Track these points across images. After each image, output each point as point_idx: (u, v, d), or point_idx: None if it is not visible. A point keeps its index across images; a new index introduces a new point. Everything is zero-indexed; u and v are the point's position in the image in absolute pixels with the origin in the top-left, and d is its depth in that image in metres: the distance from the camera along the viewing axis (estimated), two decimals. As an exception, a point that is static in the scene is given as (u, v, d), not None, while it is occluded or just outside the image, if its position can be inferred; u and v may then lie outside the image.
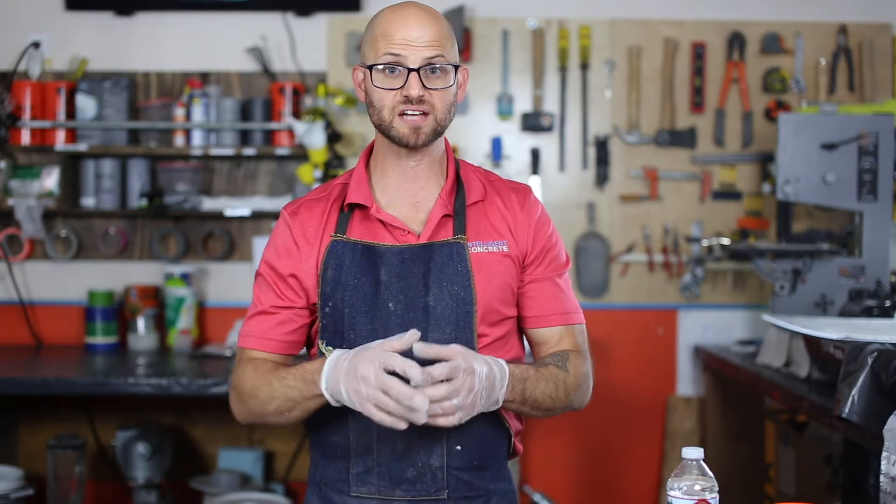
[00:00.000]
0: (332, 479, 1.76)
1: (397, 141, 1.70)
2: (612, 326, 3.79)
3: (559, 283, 1.81)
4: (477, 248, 1.74)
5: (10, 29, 3.76)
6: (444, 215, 1.74)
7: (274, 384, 1.68)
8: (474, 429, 1.71)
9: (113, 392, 3.13)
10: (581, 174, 3.81)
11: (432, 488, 1.72)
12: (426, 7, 1.74)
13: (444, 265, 1.71)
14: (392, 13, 1.71)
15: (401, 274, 1.71)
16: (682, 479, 1.48)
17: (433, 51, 1.68)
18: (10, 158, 3.71)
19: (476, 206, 1.78)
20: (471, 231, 1.75)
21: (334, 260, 1.73)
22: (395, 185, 1.77)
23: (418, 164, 1.75)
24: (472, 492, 1.75)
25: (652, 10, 3.81)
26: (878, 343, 2.19)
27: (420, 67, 1.66)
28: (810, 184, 3.19)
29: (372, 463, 1.72)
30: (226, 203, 3.68)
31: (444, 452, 1.71)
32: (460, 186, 1.78)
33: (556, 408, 1.73)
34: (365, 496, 1.73)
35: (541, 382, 1.69)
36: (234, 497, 3.43)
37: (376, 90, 1.69)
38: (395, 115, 1.69)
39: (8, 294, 3.78)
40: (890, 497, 1.78)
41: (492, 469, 1.78)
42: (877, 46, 3.77)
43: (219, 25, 3.79)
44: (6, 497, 3.08)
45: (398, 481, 1.71)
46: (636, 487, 3.83)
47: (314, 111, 3.58)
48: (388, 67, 1.67)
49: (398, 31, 1.68)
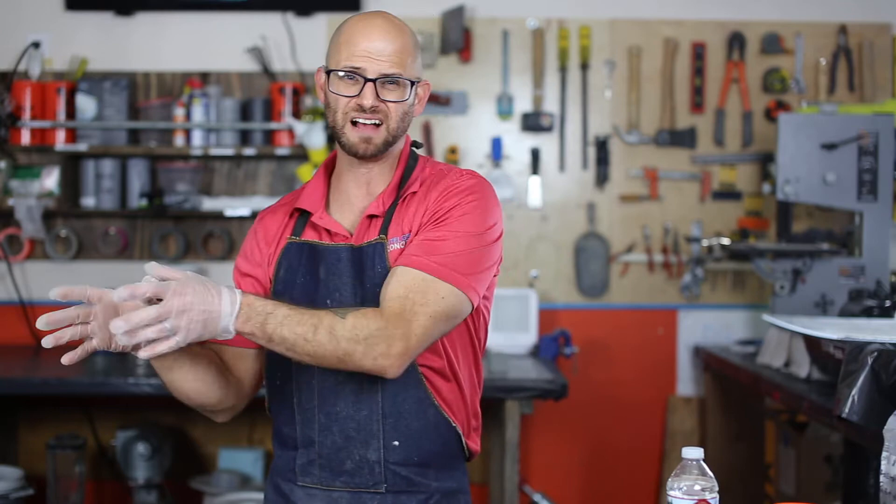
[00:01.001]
0: (283, 469, 1.80)
1: (347, 149, 1.73)
2: (612, 326, 3.79)
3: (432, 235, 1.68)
4: (394, 245, 1.72)
5: (10, 29, 3.76)
6: (368, 216, 1.75)
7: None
8: (414, 425, 1.72)
9: (113, 392, 3.13)
10: (581, 174, 3.81)
11: (370, 482, 1.73)
12: (393, 19, 1.76)
13: (369, 265, 1.73)
14: (359, 21, 1.74)
15: (335, 272, 1.74)
16: (682, 479, 1.48)
17: (392, 67, 1.70)
18: (10, 158, 3.71)
19: (405, 200, 1.76)
20: (393, 227, 1.74)
21: (286, 261, 1.77)
22: (346, 189, 1.80)
23: (370, 171, 1.78)
24: (412, 487, 1.75)
25: (652, 10, 3.81)
26: (878, 343, 2.19)
27: (377, 79, 1.69)
28: (810, 184, 3.19)
29: (314, 454, 1.75)
30: (226, 203, 3.68)
31: (381, 447, 1.73)
32: (402, 183, 1.78)
33: (322, 355, 1.56)
34: (309, 485, 1.76)
35: (291, 321, 1.55)
36: (234, 497, 3.43)
37: (332, 94, 1.73)
38: (346, 122, 1.71)
39: (8, 294, 3.78)
40: (890, 497, 1.78)
41: (436, 467, 1.77)
42: (877, 46, 3.77)
43: (219, 25, 3.79)
44: (6, 497, 3.08)
45: (338, 473, 1.74)
46: (636, 487, 3.83)
47: (314, 111, 3.58)
48: (347, 74, 1.70)
49: (361, 41, 1.71)
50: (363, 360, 1.58)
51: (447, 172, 1.77)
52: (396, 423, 1.71)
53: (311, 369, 1.71)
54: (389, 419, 1.71)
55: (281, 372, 1.77)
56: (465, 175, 1.75)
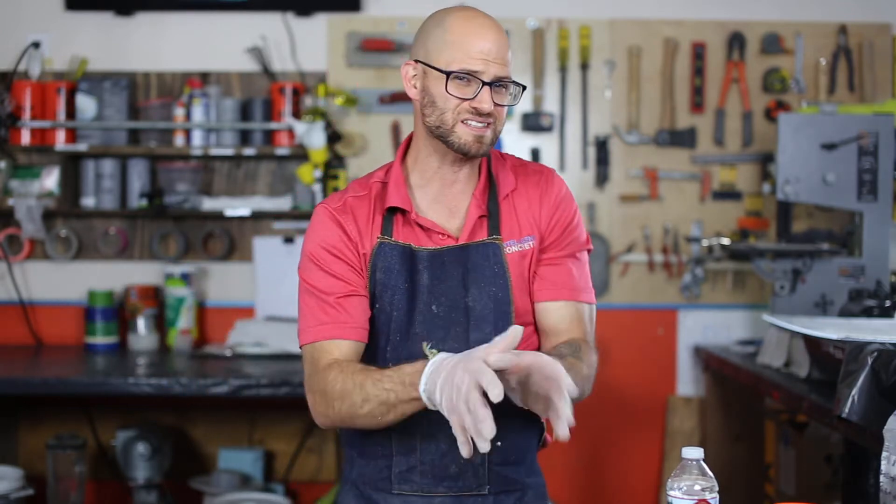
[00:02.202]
0: (373, 478, 1.78)
1: (456, 148, 1.70)
2: (612, 326, 3.78)
3: (573, 261, 1.80)
4: (512, 248, 1.76)
5: (10, 29, 3.76)
6: (479, 216, 1.76)
7: (367, 386, 1.60)
8: (516, 424, 1.74)
9: (113, 392, 3.13)
10: (581, 174, 3.81)
11: (474, 484, 1.75)
12: (492, 18, 1.74)
13: (482, 266, 1.73)
14: (467, 21, 1.71)
15: (441, 276, 1.73)
16: (682, 479, 1.48)
17: (503, 70, 1.69)
18: (10, 158, 3.71)
19: (507, 200, 1.78)
20: (506, 229, 1.77)
21: (382, 262, 1.73)
22: (433, 189, 1.77)
23: (460, 171, 1.77)
24: (510, 486, 1.78)
25: (652, 10, 3.81)
26: (878, 343, 2.18)
27: (492, 83, 1.68)
28: (810, 184, 3.18)
29: (415, 461, 1.74)
30: (226, 203, 3.68)
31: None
32: (492, 181, 1.80)
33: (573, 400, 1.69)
34: (407, 493, 1.75)
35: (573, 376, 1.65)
36: (234, 497, 3.43)
37: (443, 93, 1.68)
38: (457, 121, 1.69)
39: (8, 294, 3.78)
40: (890, 497, 1.78)
41: (526, 463, 1.82)
42: (877, 46, 3.77)
43: (219, 25, 3.79)
44: (6, 497, 3.08)
45: (441, 478, 1.74)
46: (636, 487, 3.83)
47: (314, 111, 3.58)
48: (462, 76, 1.67)
49: (476, 42, 1.68)
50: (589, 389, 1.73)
51: (530, 166, 1.84)
52: (501, 422, 1.70)
53: None
54: (495, 419, 1.71)
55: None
56: (556, 176, 1.82)
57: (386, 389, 1.57)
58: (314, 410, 1.71)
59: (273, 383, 3.06)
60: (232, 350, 3.52)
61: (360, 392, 1.60)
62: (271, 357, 3.45)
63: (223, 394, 3.08)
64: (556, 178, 1.82)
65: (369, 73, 3.75)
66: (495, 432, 1.43)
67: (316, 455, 3.72)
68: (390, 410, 1.58)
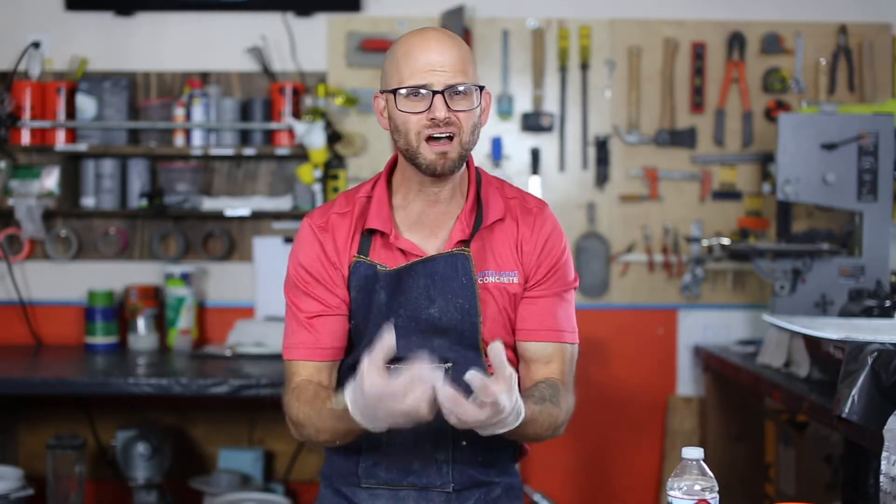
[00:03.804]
0: (343, 472, 1.82)
1: (424, 168, 1.70)
2: (612, 326, 3.79)
3: (558, 300, 1.81)
4: (490, 279, 1.76)
5: (10, 29, 3.76)
6: (461, 240, 1.76)
7: (316, 420, 1.70)
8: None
9: (113, 392, 3.12)
10: (581, 174, 3.81)
11: (438, 481, 1.77)
12: (446, 32, 1.75)
13: (449, 277, 1.73)
14: (413, 38, 1.72)
15: (398, 291, 1.75)
16: (682, 479, 1.48)
17: (457, 77, 1.68)
18: (10, 158, 3.71)
19: (492, 229, 1.78)
20: (487, 258, 1.77)
21: (355, 281, 1.76)
22: (416, 210, 1.78)
23: (441, 191, 1.76)
24: (476, 483, 1.80)
25: (652, 10, 3.81)
26: (878, 343, 2.18)
27: (444, 90, 1.67)
28: (810, 184, 3.18)
29: (380, 456, 1.77)
30: (226, 203, 3.68)
31: (451, 447, 1.76)
32: (479, 207, 1.79)
33: (537, 440, 1.76)
34: (374, 486, 1.79)
35: (537, 425, 1.69)
36: (234, 497, 3.43)
37: (401, 114, 1.69)
38: (421, 141, 1.69)
39: (8, 294, 3.78)
40: (890, 497, 1.78)
41: (497, 467, 1.83)
42: (877, 46, 3.77)
43: (219, 25, 3.79)
44: (6, 497, 3.08)
45: (406, 473, 1.76)
46: (636, 487, 3.83)
47: (314, 111, 3.58)
48: (412, 92, 1.67)
49: (420, 55, 1.68)
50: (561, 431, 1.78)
51: (523, 199, 1.83)
52: None
53: None
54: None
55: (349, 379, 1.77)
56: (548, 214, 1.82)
57: (333, 422, 1.65)
58: (291, 427, 1.80)
59: (273, 383, 3.06)
60: (232, 350, 3.52)
61: (313, 424, 1.70)
62: (271, 357, 3.45)
63: (223, 394, 3.09)
64: (548, 216, 1.83)
65: (369, 73, 3.75)
66: (448, 361, 1.55)
67: (316, 455, 3.72)
68: (347, 435, 1.67)
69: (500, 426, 1.55)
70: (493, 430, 1.57)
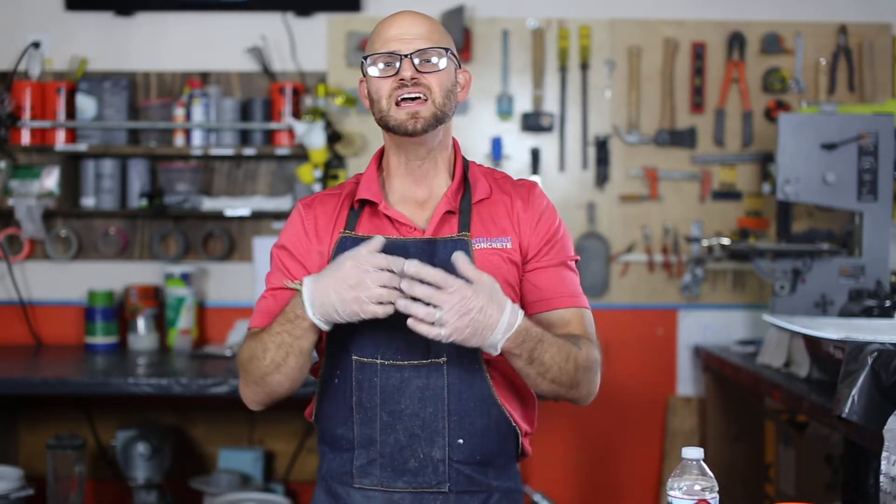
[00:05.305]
0: (338, 472, 1.78)
1: (395, 129, 1.71)
2: (612, 326, 3.78)
3: (565, 269, 1.81)
4: (481, 244, 1.75)
5: (10, 29, 3.76)
6: (447, 211, 1.76)
7: (263, 338, 1.68)
8: (478, 423, 1.73)
9: (113, 392, 3.13)
10: (581, 174, 3.81)
11: (433, 481, 1.73)
12: (420, 13, 1.78)
13: (450, 264, 1.71)
14: (387, 17, 1.77)
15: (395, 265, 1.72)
16: (682, 479, 1.48)
17: (425, 43, 1.71)
18: (10, 158, 3.71)
19: (481, 204, 1.79)
20: (475, 227, 1.76)
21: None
22: (402, 184, 1.79)
23: (423, 163, 1.77)
24: (473, 486, 1.76)
25: (652, 10, 3.81)
26: (878, 343, 2.19)
27: (412, 53, 1.70)
28: (810, 184, 3.18)
29: (374, 454, 1.73)
30: (226, 203, 3.68)
31: (446, 445, 1.72)
32: (467, 187, 1.80)
33: (563, 382, 1.68)
34: (368, 487, 1.75)
35: (553, 347, 1.66)
36: (234, 497, 3.43)
37: (374, 82, 1.72)
38: (391, 104, 1.70)
39: (8, 294, 3.78)
40: (890, 497, 1.78)
41: (496, 467, 1.79)
42: (877, 46, 3.77)
43: (219, 25, 3.79)
44: (6, 497, 3.08)
45: (400, 472, 1.73)
46: (636, 487, 3.83)
47: (314, 111, 3.58)
48: (382, 60, 1.71)
49: (391, 28, 1.73)
50: (583, 387, 1.72)
51: (509, 178, 1.85)
52: (461, 420, 1.71)
53: (373, 367, 1.71)
54: (455, 417, 1.71)
55: (340, 370, 1.75)
56: (540, 190, 1.83)
57: (277, 332, 1.65)
58: (243, 396, 1.77)
59: (273, 383, 3.06)
60: (232, 350, 3.52)
61: (260, 345, 1.68)
62: (271, 357, 3.44)
63: (223, 394, 3.09)
64: (538, 190, 1.83)
65: (369, 73, 3.74)
66: (417, 268, 1.54)
67: (316, 455, 3.70)
68: (289, 353, 1.65)
69: (484, 323, 1.56)
70: (483, 337, 1.57)
